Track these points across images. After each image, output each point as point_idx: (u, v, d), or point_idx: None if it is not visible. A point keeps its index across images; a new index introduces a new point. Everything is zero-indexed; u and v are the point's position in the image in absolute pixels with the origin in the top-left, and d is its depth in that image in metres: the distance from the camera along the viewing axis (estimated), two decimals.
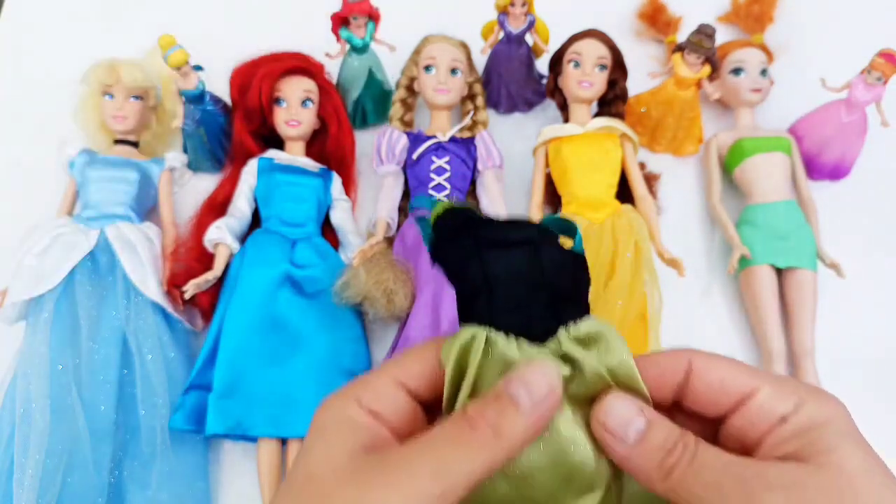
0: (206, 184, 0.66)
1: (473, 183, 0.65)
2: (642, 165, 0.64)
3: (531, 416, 0.21)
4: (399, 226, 0.62)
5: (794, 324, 0.58)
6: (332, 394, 0.24)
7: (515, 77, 0.69)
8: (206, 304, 0.58)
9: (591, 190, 0.60)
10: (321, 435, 0.22)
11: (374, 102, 0.69)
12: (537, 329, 0.24)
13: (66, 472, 0.49)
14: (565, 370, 0.23)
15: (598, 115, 0.65)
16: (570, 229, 0.26)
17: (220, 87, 0.65)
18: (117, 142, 0.64)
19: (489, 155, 0.64)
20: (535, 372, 0.22)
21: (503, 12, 0.65)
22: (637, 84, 0.67)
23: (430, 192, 0.62)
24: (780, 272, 0.60)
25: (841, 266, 0.59)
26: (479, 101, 0.67)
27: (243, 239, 0.60)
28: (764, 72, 0.67)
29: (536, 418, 0.22)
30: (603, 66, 0.63)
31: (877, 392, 0.58)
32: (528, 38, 0.67)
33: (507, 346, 0.23)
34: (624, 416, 0.22)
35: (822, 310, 0.60)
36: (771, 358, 0.57)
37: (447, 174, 0.62)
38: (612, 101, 0.65)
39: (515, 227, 0.25)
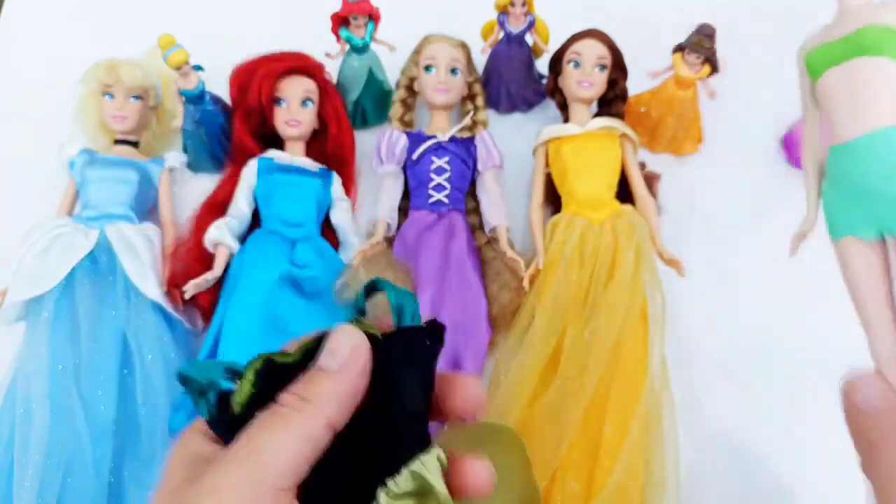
0: (206, 184, 0.66)
1: (473, 183, 0.65)
2: (642, 165, 0.64)
3: (338, 376, 0.21)
4: (399, 226, 0.62)
5: None
6: None
7: (515, 77, 0.69)
8: (206, 304, 0.58)
9: (591, 190, 0.60)
10: (170, 458, 0.23)
11: (374, 102, 0.69)
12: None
13: (66, 472, 0.50)
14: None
15: (598, 115, 0.65)
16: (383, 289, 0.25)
17: (220, 87, 0.65)
18: (117, 142, 0.64)
19: (489, 155, 0.64)
20: (337, 337, 0.22)
21: (503, 12, 0.65)
22: (637, 84, 0.67)
23: (431, 191, 0.62)
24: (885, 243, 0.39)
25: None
26: (479, 101, 0.67)
27: (243, 239, 0.60)
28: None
29: (344, 376, 0.21)
30: (603, 67, 0.63)
31: None
32: (528, 38, 0.67)
33: None
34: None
35: (821, 309, 0.60)
36: (881, 363, 0.34)
37: (447, 174, 0.62)
38: (612, 101, 0.65)
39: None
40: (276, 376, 0.22)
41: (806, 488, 0.54)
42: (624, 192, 0.62)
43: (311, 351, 0.23)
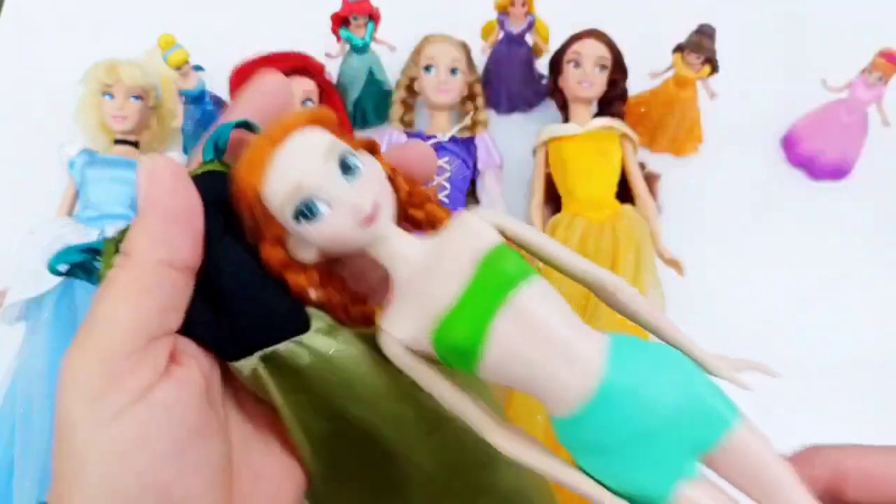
0: None
1: (473, 183, 0.65)
2: (642, 165, 0.64)
3: (145, 211, 0.19)
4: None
5: None
6: None
7: (515, 77, 0.69)
8: None
9: (591, 190, 0.60)
10: None
11: (374, 102, 0.69)
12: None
13: None
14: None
15: (598, 115, 0.65)
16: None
17: (220, 87, 0.65)
18: (117, 142, 0.64)
19: (489, 155, 0.64)
20: (138, 171, 0.19)
21: (503, 12, 0.65)
22: (637, 84, 0.67)
23: None
24: None
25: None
26: (479, 101, 0.67)
27: None
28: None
29: (150, 209, 0.19)
30: (603, 67, 0.63)
31: (878, 394, 0.58)
32: (528, 38, 0.67)
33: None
34: None
35: (822, 310, 0.60)
36: None
37: (447, 174, 0.62)
38: (613, 101, 0.65)
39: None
40: None
41: None
42: (624, 192, 0.62)
43: None
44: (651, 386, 0.20)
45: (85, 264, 0.21)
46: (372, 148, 0.23)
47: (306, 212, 0.20)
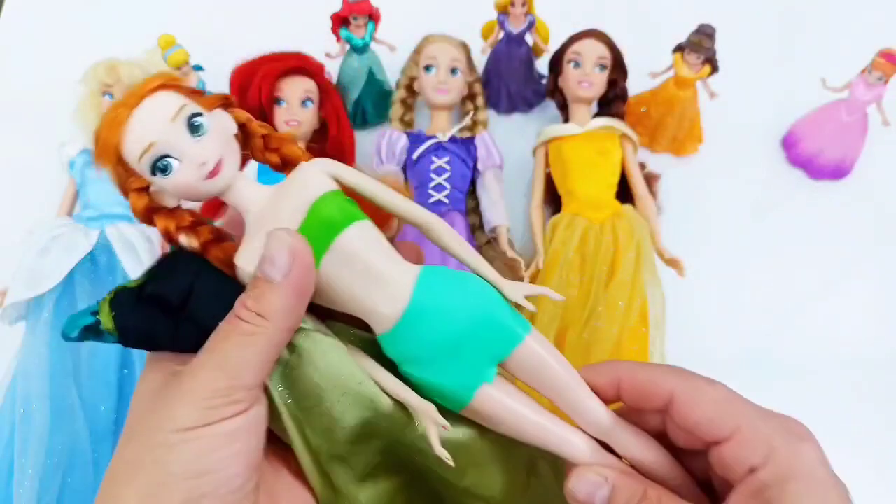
0: None
1: (473, 183, 0.65)
2: (642, 165, 0.64)
3: (285, 288, 0.23)
4: (399, 226, 0.62)
5: None
6: None
7: (515, 77, 0.69)
8: None
9: (591, 190, 0.60)
10: (146, 367, 0.25)
11: (374, 102, 0.69)
12: None
13: (66, 472, 0.50)
14: None
15: (598, 115, 0.65)
16: None
17: (220, 87, 0.65)
18: None
19: (489, 155, 0.64)
20: (272, 244, 0.23)
21: (503, 12, 0.66)
22: (637, 84, 0.67)
23: (431, 191, 0.62)
24: None
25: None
26: (479, 101, 0.67)
27: None
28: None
29: (290, 287, 0.23)
30: (603, 66, 0.63)
31: (877, 393, 0.58)
32: (528, 38, 0.67)
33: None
34: (591, 484, 0.24)
35: (822, 309, 0.60)
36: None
37: (447, 174, 0.62)
38: (612, 101, 0.65)
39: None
40: (133, 298, 0.24)
41: None
42: (624, 192, 0.62)
43: (153, 271, 0.25)
44: (452, 307, 0.24)
45: (93, 326, 0.24)
46: (226, 103, 0.25)
47: (159, 166, 0.23)
